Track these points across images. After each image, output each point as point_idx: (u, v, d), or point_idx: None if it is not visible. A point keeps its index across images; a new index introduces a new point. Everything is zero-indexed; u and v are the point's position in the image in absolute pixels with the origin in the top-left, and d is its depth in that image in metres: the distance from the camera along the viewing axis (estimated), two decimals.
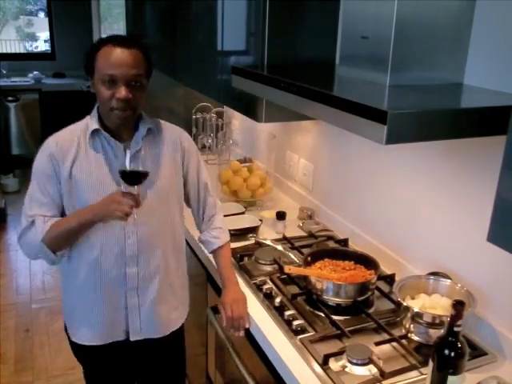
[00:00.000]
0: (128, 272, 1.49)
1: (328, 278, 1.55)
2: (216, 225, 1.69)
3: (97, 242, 1.46)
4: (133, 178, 1.37)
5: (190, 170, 1.60)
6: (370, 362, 1.28)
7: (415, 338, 1.39)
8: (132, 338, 1.56)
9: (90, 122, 1.45)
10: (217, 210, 1.70)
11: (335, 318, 1.47)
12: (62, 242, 1.45)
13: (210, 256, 1.73)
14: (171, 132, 1.57)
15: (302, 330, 1.43)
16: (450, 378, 1.12)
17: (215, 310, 1.64)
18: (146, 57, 1.41)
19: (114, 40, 1.38)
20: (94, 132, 1.43)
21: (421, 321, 1.36)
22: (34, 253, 1.47)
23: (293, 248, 1.87)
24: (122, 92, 1.35)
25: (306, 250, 1.82)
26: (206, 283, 1.91)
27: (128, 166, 1.37)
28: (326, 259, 1.68)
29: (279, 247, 1.81)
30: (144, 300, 1.54)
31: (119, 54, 1.35)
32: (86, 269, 1.48)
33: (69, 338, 1.61)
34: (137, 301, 1.53)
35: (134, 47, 1.38)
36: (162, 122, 1.58)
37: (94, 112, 1.47)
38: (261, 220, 2.07)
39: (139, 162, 1.40)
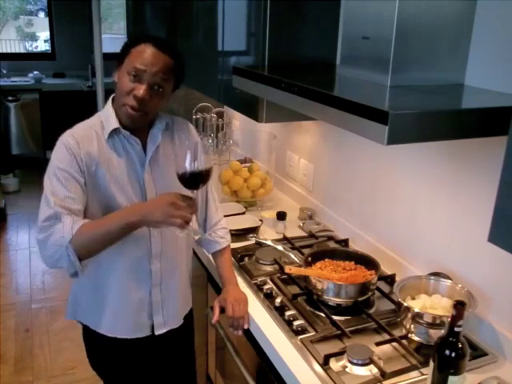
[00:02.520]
0: (153, 269, 1.51)
1: (328, 278, 1.55)
2: (222, 224, 1.69)
3: (123, 240, 1.40)
4: (193, 180, 1.30)
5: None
6: (371, 362, 1.28)
7: (416, 338, 1.39)
8: (157, 333, 1.57)
9: (106, 119, 1.41)
10: (218, 208, 1.70)
11: (336, 318, 1.47)
12: (94, 247, 1.32)
13: (211, 256, 1.73)
14: (181, 125, 1.57)
15: (303, 330, 1.43)
16: (451, 379, 1.12)
17: None
18: (176, 68, 1.40)
19: (155, 41, 1.36)
20: (113, 131, 1.39)
21: (421, 321, 1.36)
22: (56, 256, 1.29)
23: (293, 248, 1.87)
24: (141, 90, 1.33)
25: (306, 251, 1.82)
26: (206, 284, 1.91)
27: (188, 168, 1.30)
28: (326, 259, 1.68)
29: (280, 247, 1.81)
30: (167, 295, 1.56)
31: (153, 53, 1.34)
32: (114, 266, 1.46)
33: (89, 336, 1.59)
34: (160, 296, 1.54)
35: (169, 54, 1.37)
36: (171, 116, 1.57)
37: (109, 110, 1.42)
38: (261, 220, 2.07)
39: (197, 163, 1.32)
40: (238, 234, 1.93)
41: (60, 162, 1.35)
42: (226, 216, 1.78)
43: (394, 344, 1.38)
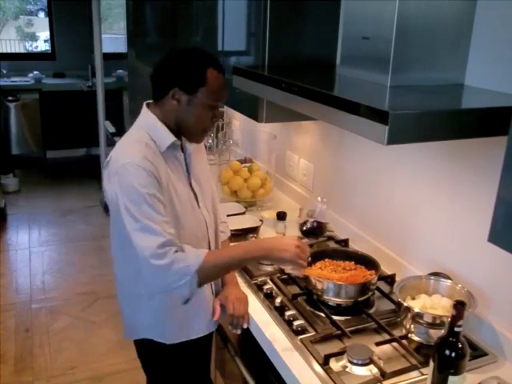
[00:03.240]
0: None
1: (328, 278, 1.55)
2: (222, 218, 1.71)
3: (192, 237, 1.45)
4: (313, 231, 1.48)
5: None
6: (371, 362, 1.28)
7: (416, 338, 1.39)
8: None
9: (156, 133, 1.39)
10: (218, 203, 1.71)
11: (336, 318, 1.47)
12: (214, 276, 1.41)
13: None
14: None
15: (303, 330, 1.43)
16: (451, 379, 1.12)
17: None
18: None
19: (218, 66, 1.39)
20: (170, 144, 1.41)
21: (421, 321, 1.36)
22: (179, 284, 1.31)
23: None
24: (218, 116, 1.43)
25: None
26: None
27: (311, 220, 1.47)
28: (326, 259, 1.68)
29: None
30: (218, 283, 1.61)
31: (224, 82, 1.40)
32: None
33: (158, 350, 1.55)
34: (215, 287, 1.59)
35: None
36: None
37: (155, 123, 1.40)
38: (261, 220, 2.07)
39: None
40: (237, 234, 1.93)
41: (145, 187, 1.30)
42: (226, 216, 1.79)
43: (394, 344, 1.38)
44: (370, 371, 1.27)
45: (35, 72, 5.71)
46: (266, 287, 1.63)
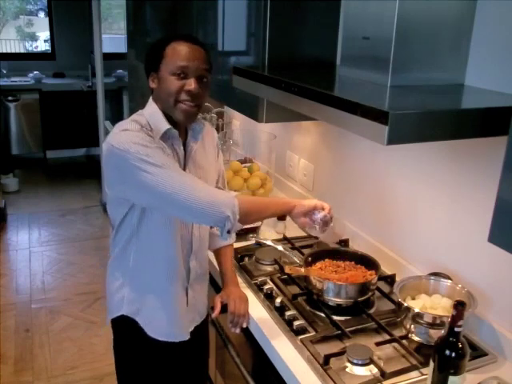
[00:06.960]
0: (191, 266, 1.54)
1: (328, 278, 1.56)
2: None
3: (170, 235, 1.45)
4: None
5: (220, 165, 1.64)
6: (371, 362, 1.28)
7: (416, 338, 1.39)
8: (189, 330, 1.59)
9: (154, 121, 1.39)
10: None
11: (336, 318, 1.47)
12: (252, 212, 1.35)
13: (211, 255, 1.73)
14: (207, 126, 1.57)
15: (303, 330, 1.43)
16: (451, 379, 1.12)
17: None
18: (209, 57, 1.43)
19: (182, 37, 1.39)
20: (166, 131, 1.39)
21: (421, 321, 1.36)
22: (222, 201, 1.28)
23: (293, 248, 1.87)
24: (192, 84, 1.35)
25: (306, 251, 1.82)
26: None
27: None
28: (326, 259, 1.68)
29: (280, 247, 1.81)
30: (199, 293, 1.60)
31: (191, 48, 1.37)
32: (165, 263, 1.48)
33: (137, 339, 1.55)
34: (193, 294, 1.57)
35: (201, 46, 1.40)
36: None
37: (156, 111, 1.40)
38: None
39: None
40: (238, 234, 1.93)
41: (143, 139, 1.31)
42: None
43: (394, 344, 1.38)
44: (369, 371, 1.27)
45: (35, 72, 5.71)
46: (266, 287, 1.63)
